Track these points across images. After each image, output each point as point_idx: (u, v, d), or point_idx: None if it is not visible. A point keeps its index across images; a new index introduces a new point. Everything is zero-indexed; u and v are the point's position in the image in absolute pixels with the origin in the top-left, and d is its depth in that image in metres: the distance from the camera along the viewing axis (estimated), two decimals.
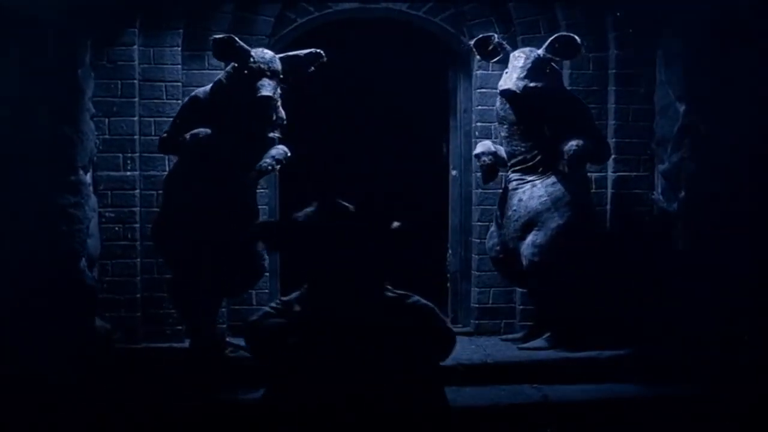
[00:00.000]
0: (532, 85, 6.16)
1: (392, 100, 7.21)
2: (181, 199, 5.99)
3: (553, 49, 6.20)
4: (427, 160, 7.36)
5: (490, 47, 6.37)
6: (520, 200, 6.36)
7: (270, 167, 6.03)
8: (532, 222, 6.29)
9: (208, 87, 6.09)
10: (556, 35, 6.24)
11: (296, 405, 3.38)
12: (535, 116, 6.29)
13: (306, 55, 6.09)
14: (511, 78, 6.20)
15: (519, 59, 6.23)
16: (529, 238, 6.27)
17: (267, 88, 5.84)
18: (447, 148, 7.27)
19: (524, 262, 6.30)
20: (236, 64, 5.93)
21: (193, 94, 6.13)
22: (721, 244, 6.22)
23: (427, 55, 7.22)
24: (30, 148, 5.78)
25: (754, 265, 6.19)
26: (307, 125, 7.12)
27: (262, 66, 5.89)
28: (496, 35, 6.43)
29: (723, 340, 6.08)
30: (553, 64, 6.28)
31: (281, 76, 5.98)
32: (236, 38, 5.94)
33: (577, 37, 6.17)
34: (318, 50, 6.08)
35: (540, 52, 6.23)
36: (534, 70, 6.19)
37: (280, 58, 6.01)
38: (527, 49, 6.30)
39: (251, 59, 5.89)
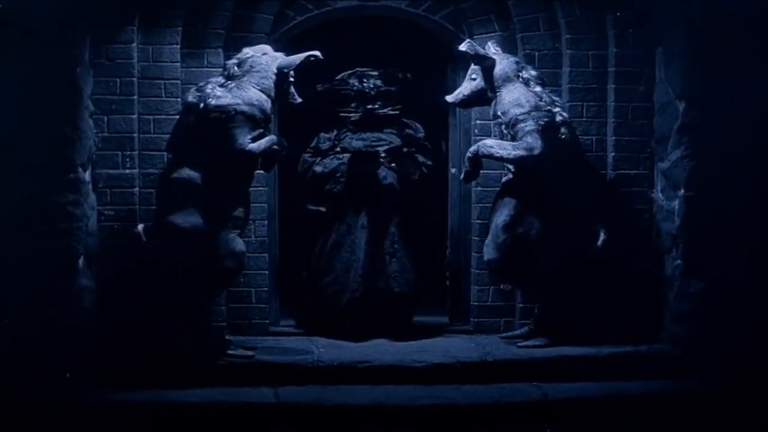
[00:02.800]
0: (462, 92, 6.53)
1: None
2: (189, 197, 5.98)
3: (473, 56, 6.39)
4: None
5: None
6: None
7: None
8: (490, 221, 6.52)
9: (256, 95, 6.02)
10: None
11: None
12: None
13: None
14: None
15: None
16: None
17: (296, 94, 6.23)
18: (446, 146, 7.28)
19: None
20: (280, 71, 6.07)
21: (256, 103, 6.02)
22: (720, 242, 6.22)
23: (426, 53, 7.22)
24: (28, 146, 5.76)
25: (754, 264, 6.19)
26: (306, 124, 7.13)
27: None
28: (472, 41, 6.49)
29: (722, 338, 6.08)
30: (503, 65, 6.37)
31: None
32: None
33: (468, 48, 6.28)
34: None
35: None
36: (468, 77, 6.51)
37: None
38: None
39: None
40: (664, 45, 6.50)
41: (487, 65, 6.39)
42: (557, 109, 6.38)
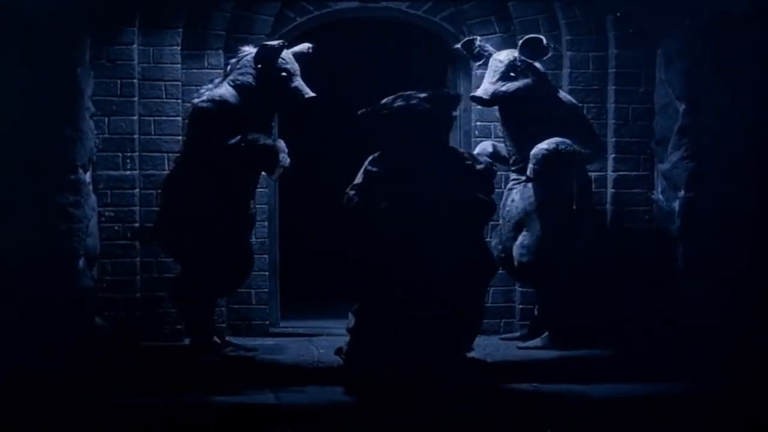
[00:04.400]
0: (503, 89, 6.26)
1: None
2: (191, 197, 5.97)
3: (525, 51, 6.24)
4: None
5: (475, 50, 6.42)
6: (513, 200, 6.43)
7: (288, 162, 6.05)
8: (521, 222, 6.35)
9: (225, 90, 5.96)
10: (526, 37, 6.29)
11: None
12: (517, 118, 6.36)
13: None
14: (483, 83, 6.31)
15: (494, 63, 6.32)
16: (519, 239, 6.33)
17: (306, 87, 6.02)
18: None
19: (515, 263, 6.36)
20: (261, 66, 5.95)
21: (218, 99, 5.90)
22: (720, 243, 6.23)
23: (426, 55, 7.23)
24: (29, 147, 5.78)
25: (754, 265, 6.19)
26: (306, 125, 7.14)
27: (295, 66, 6.02)
28: (478, 38, 6.49)
29: (722, 339, 6.08)
30: (537, 64, 6.32)
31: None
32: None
33: (543, 39, 6.24)
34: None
35: (514, 54, 6.29)
36: (505, 74, 6.27)
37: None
38: (506, 51, 6.36)
39: (282, 61, 5.97)
40: (664, 46, 6.51)
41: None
42: None
